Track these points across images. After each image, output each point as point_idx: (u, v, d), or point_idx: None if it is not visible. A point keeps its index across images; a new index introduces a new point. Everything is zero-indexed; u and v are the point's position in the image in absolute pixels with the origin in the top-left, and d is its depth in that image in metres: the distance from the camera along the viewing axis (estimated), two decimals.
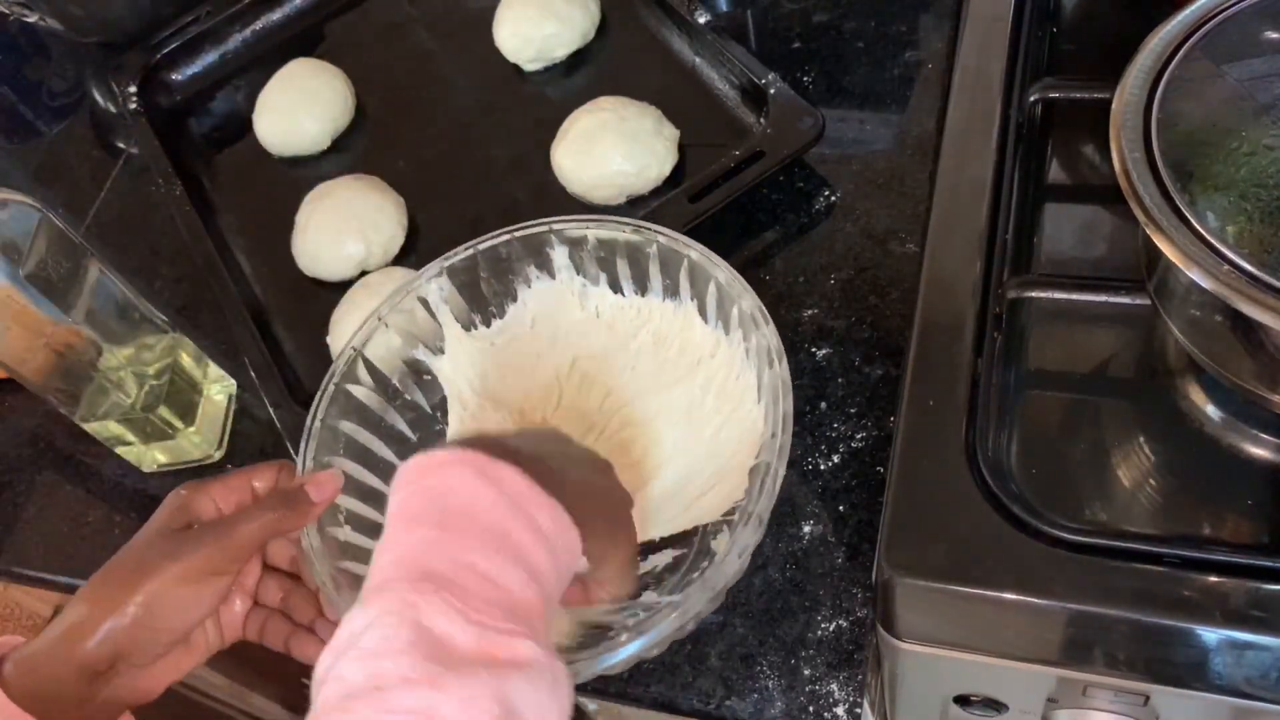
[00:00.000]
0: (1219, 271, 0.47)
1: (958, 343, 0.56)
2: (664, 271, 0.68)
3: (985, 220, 0.60)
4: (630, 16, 0.91)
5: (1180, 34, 0.53)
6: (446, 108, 0.91)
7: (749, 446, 0.63)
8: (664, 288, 0.69)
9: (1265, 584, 0.47)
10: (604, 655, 0.53)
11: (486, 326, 0.71)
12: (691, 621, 0.55)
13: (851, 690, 0.62)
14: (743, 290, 0.62)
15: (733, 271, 0.63)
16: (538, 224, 0.68)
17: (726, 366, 0.66)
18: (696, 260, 0.65)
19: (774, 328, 0.60)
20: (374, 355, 0.67)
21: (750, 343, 0.63)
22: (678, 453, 0.66)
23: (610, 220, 0.68)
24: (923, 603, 0.51)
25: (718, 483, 0.64)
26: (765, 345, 0.60)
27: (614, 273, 0.69)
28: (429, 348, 0.70)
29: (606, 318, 0.71)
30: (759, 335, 0.61)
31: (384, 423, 0.68)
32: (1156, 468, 0.55)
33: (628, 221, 0.67)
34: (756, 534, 0.55)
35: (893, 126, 0.81)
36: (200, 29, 0.97)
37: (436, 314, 0.69)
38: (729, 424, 0.65)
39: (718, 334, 0.67)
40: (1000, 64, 0.65)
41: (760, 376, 0.62)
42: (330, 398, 0.64)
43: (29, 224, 0.68)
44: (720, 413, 0.66)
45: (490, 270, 0.69)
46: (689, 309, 0.68)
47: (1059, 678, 0.51)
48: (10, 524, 0.81)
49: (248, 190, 0.91)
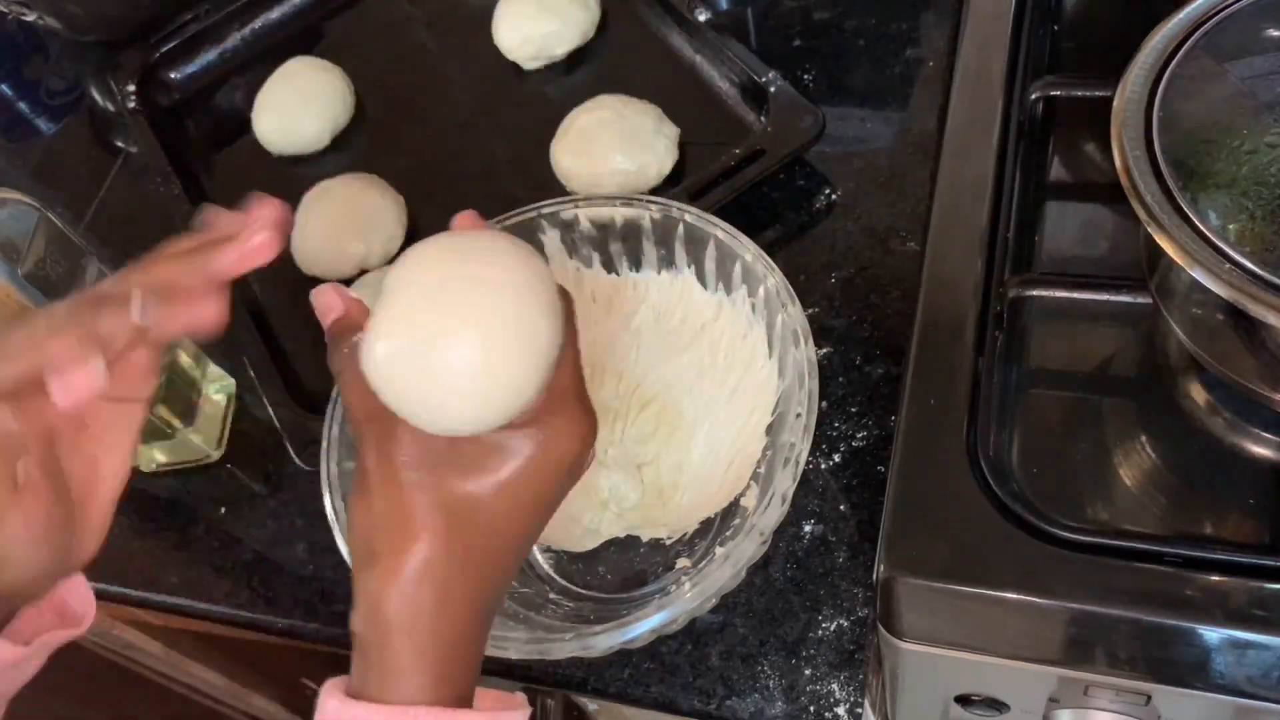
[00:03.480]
0: (1221, 270, 0.47)
1: (959, 341, 0.56)
2: (659, 243, 0.68)
3: (986, 219, 0.60)
4: (630, 14, 0.90)
5: (1182, 32, 0.53)
6: (446, 106, 0.91)
7: (765, 402, 0.64)
8: (659, 259, 0.68)
9: (1267, 583, 0.47)
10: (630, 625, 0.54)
11: None
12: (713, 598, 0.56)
13: (852, 690, 0.62)
14: (767, 270, 0.62)
15: (750, 244, 0.63)
16: (526, 210, 0.67)
17: (731, 326, 0.67)
18: (692, 225, 0.65)
19: (799, 307, 0.60)
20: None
21: (757, 297, 0.63)
22: (700, 419, 0.68)
23: (598, 198, 0.67)
24: (924, 602, 0.51)
25: (742, 445, 0.65)
26: (792, 326, 0.60)
27: (606, 252, 0.69)
28: None
29: (604, 300, 0.70)
30: (785, 315, 0.61)
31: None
32: (1158, 467, 0.55)
33: (617, 197, 0.67)
34: (779, 513, 0.55)
35: (893, 124, 0.81)
36: (199, 27, 0.97)
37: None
38: (743, 383, 0.66)
39: (719, 297, 0.67)
40: (1001, 62, 0.65)
41: (771, 330, 0.63)
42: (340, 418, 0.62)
43: (28, 223, 0.68)
44: (733, 371, 0.67)
45: None
46: (686, 277, 0.68)
47: (1060, 677, 0.51)
48: None
49: (247, 189, 0.89)
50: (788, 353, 0.61)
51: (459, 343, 0.44)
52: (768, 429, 0.64)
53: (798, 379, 0.59)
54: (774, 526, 0.56)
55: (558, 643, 0.55)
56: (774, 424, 0.64)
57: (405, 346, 0.45)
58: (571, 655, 0.55)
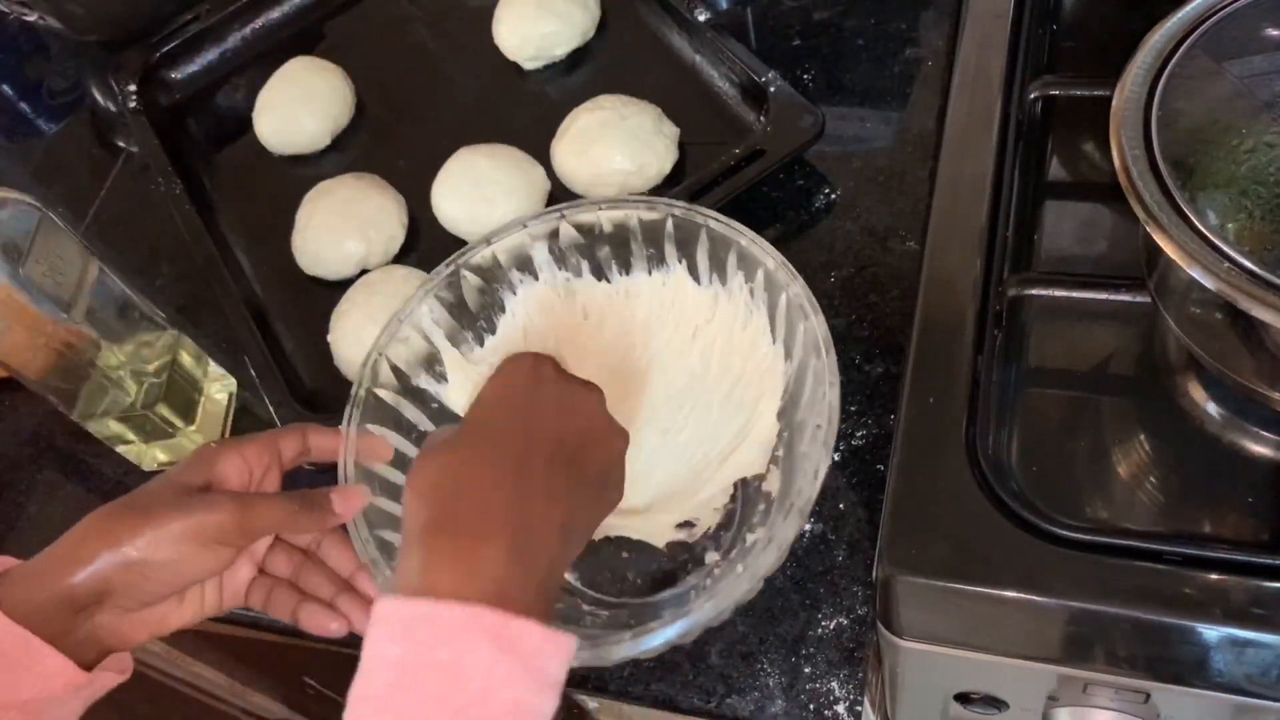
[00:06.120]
0: (1219, 269, 0.47)
1: (958, 340, 0.56)
2: (647, 242, 0.67)
3: (985, 218, 0.60)
4: (630, 15, 0.90)
5: (1181, 31, 0.53)
6: (446, 106, 0.91)
7: (773, 386, 0.63)
8: (649, 259, 0.68)
9: (1266, 581, 0.47)
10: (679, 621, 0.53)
11: (480, 346, 0.69)
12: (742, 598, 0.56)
13: (852, 688, 0.62)
14: (790, 278, 0.61)
15: (745, 230, 0.63)
16: (511, 225, 0.67)
17: (730, 319, 0.66)
18: (681, 218, 0.64)
19: (823, 317, 0.59)
20: (384, 389, 0.64)
21: (755, 282, 0.63)
22: (693, 425, 0.67)
23: (585, 203, 0.67)
24: (923, 600, 0.51)
25: (750, 432, 0.65)
26: (814, 335, 0.59)
27: (595, 258, 0.69)
28: (431, 375, 0.68)
29: (595, 316, 0.70)
30: (807, 325, 0.60)
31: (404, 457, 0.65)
32: (1157, 465, 0.55)
33: (603, 201, 0.66)
34: (798, 524, 0.55)
35: (893, 124, 0.81)
36: (200, 27, 0.97)
37: (432, 339, 0.67)
38: (745, 375, 0.65)
39: (714, 289, 0.66)
40: (1000, 61, 0.65)
41: (774, 312, 0.63)
42: (353, 441, 0.61)
43: (29, 223, 0.68)
44: (731, 370, 0.66)
45: (476, 283, 0.68)
46: (678, 275, 0.67)
47: (1060, 675, 0.51)
48: (11, 522, 0.81)
49: (248, 189, 0.91)
50: (795, 332, 0.60)
51: None
52: (779, 413, 0.64)
53: (816, 388, 0.58)
54: (793, 538, 0.55)
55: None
56: (785, 406, 0.63)
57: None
58: (586, 665, 0.55)
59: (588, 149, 0.79)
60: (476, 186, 0.80)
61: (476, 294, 0.68)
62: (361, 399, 0.62)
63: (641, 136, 0.79)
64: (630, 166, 0.78)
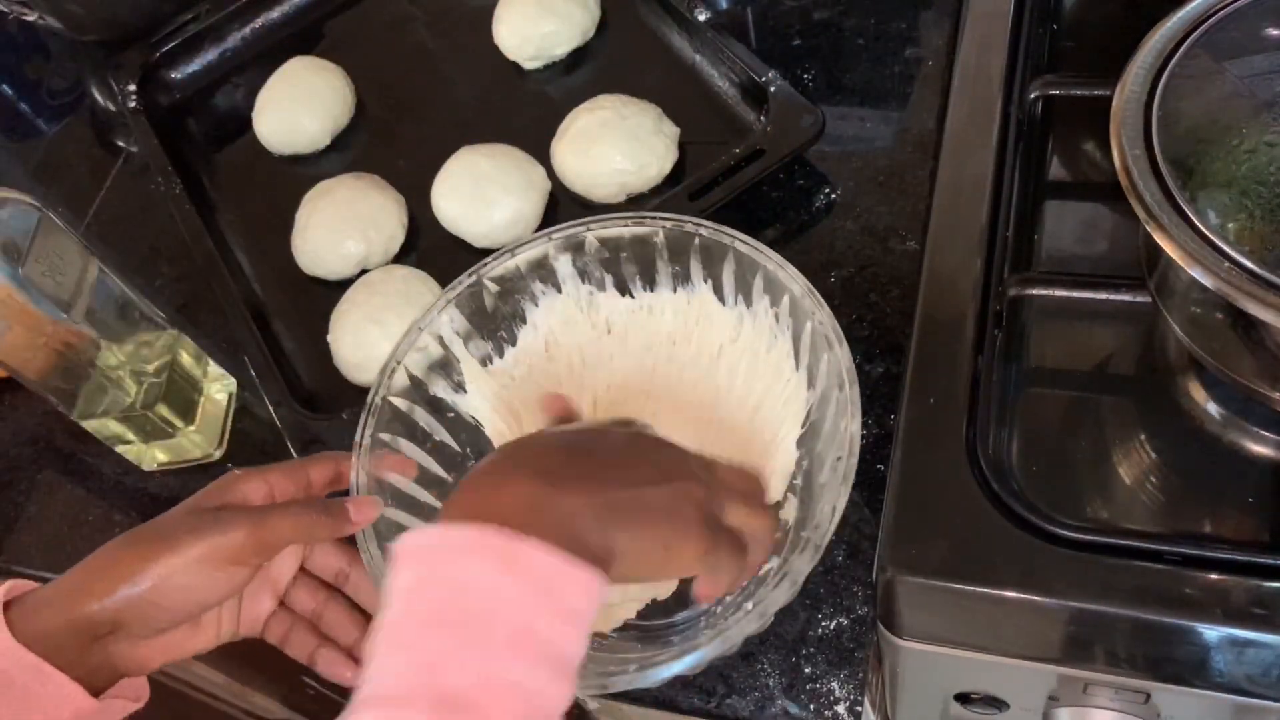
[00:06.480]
0: (1220, 269, 0.47)
1: (958, 340, 0.56)
2: (673, 259, 0.66)
3: (986, 217, 0.60)
4: (630, 14, 0.90)
5: (1181, 31, 0.53)
6: (446, 106, 0.91)
7: (795, 414, 0.63)
8: (674, 276, 0.67)
9: (1266, 581, 0.47)
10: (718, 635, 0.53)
11: (500, 357, 0.69)
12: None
13: (852, 688, 0.62)
14: (815, 306, 0.60)
15: (773, 254, 0.62)
16: (536, 238, 0.66)
17: (753, 342, 0.65)
18: (709, 237, 0.63)
19: (847, 348, 0.58)
20: (398, 397, 0.64)
21: (780, 307, 0.62)
22: (713, 445, 0.65)
23: (611, 217, 0.66)
24: (923, 600, 0.51)
25: (770, 459, 0.64)
26: (838, 366, 0.58)
27: (619, 272, 0.68)
28: (450, 384, 0.67)
29: (619, 330, 0.69)
30: (831, 356, 0.58)
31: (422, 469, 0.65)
32: (1157, 465, 0.55)
33: (629, 215, 0.66)
34: (812, 559, 0.54)
35: (893, 124, 0.81)
36: (200, 27, 0.97)
37: (452, 349, 0.66)
38: (767, 400, 0.65)
39: (739, 310, 0.66)
40: (1001, 61, 0.65)
41: (798, 341, 0.62)
42: (367, 449, 0.61)
43: (29, 223, 0.68)
44: (754, 392, 0.65)
45: (497, 293, 0.67)
46: (703, 294, 0.67)
47: (1060, 675, 0.51)
48: (10, 523, 0.81)
49: (248, 189, 0.91)
50: (819, 360, 0.60)
51: None
52: (799, 441, 0.63)
53: (838, 417, 0.57)
54: (806, 572, 0.54)
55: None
56: (806, 434, 0.62)
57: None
58: (587, 694, 0.54)
59: (588, 149, 0.79)
60: (476, 186, 0.80)
61: (497, 304, 0.68)
62: (378, 407, 0.62)
63: (641, 136, 0.79)
64: (630, 166, 0.78)
